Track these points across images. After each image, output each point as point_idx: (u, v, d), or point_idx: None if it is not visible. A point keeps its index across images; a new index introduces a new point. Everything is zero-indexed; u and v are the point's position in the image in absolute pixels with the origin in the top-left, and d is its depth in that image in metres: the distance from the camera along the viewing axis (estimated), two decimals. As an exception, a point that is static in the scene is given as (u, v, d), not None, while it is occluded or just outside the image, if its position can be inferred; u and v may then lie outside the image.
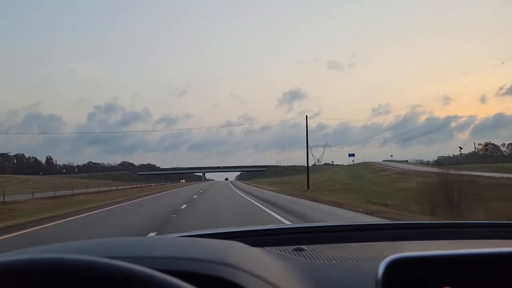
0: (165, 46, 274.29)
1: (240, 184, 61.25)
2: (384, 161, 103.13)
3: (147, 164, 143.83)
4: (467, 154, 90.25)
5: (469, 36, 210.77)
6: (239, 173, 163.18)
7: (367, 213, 10.74)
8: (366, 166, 78.28)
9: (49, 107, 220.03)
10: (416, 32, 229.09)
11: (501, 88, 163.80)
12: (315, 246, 0.98)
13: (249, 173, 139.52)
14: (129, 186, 42.50)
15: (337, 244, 1.01)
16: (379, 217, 9.63)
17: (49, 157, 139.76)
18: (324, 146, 66.11)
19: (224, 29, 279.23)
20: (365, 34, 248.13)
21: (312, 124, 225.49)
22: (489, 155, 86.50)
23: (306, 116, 34.59)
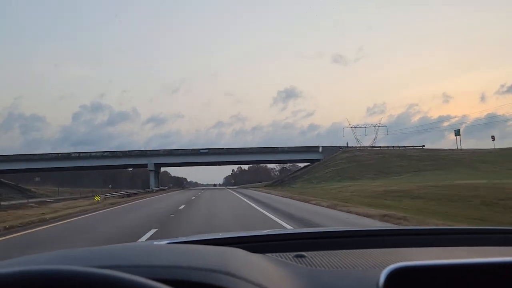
0: (155, 41, 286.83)
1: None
2: None
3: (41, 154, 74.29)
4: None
5: (474, 36, 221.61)
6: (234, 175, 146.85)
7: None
8: None
9: None
10: (422, 31, 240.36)
11: (502, 86, 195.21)
12: (316, 252, 1.14)
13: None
14: None
15: (339, 251, 1.17)
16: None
17: None
18: (377, 126, 49.36)
19: (219, 20, 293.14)
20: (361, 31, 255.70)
21: (304, 124, 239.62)
22: None
23: None
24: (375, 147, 68.97)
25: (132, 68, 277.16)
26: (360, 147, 69.16)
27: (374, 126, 79.26)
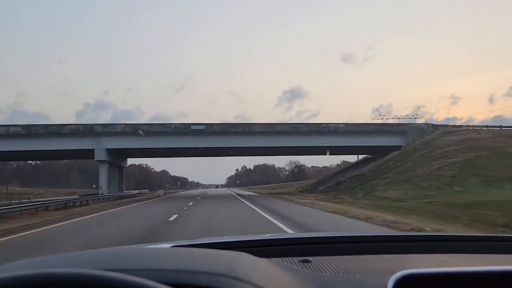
0: (157, 38, 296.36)
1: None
2: None
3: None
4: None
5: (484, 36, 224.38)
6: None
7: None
8: None
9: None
10: (430, 30, 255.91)
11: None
12: (322, 258, 1.17)
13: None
14: None
15: (344, 256, 1.21)
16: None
17: None
18: (413, 117, 44.64)
19: (223, 19, 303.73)
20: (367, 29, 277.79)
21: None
22: None
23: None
24: (491, 126, 43.34)
25: (136, 67, 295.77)
26: (470, 126, 43.47)
27: (410, 118, 56.77)
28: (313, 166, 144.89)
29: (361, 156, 53.30)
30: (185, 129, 36.75)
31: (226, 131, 37.29)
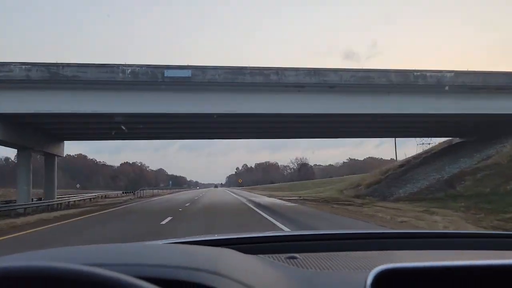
0: (158, 38, 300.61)
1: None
2: None
3: None
4: None
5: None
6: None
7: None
8: None
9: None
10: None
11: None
12: (308, 254, 1.22)
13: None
14: None
15: (330, 253, 1.26)
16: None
17: None
18: None
19: (225, 16, 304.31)
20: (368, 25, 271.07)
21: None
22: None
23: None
24: None
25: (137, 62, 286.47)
26: None
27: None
28: (316, 164, 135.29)
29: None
30: (152, 77, 17.87)
31: (234, 82, 18.26)
